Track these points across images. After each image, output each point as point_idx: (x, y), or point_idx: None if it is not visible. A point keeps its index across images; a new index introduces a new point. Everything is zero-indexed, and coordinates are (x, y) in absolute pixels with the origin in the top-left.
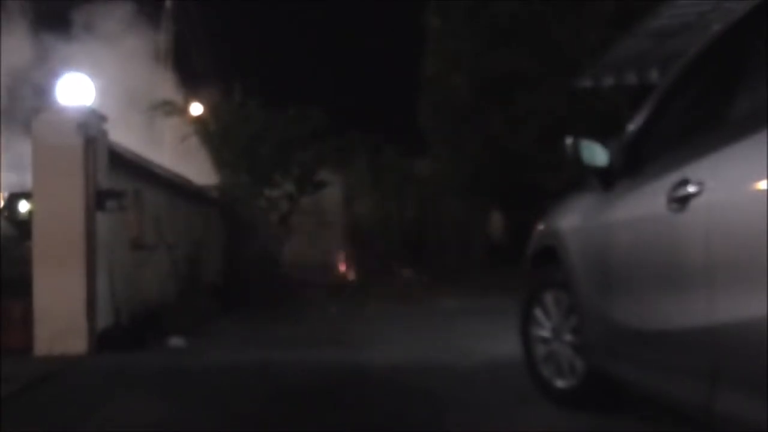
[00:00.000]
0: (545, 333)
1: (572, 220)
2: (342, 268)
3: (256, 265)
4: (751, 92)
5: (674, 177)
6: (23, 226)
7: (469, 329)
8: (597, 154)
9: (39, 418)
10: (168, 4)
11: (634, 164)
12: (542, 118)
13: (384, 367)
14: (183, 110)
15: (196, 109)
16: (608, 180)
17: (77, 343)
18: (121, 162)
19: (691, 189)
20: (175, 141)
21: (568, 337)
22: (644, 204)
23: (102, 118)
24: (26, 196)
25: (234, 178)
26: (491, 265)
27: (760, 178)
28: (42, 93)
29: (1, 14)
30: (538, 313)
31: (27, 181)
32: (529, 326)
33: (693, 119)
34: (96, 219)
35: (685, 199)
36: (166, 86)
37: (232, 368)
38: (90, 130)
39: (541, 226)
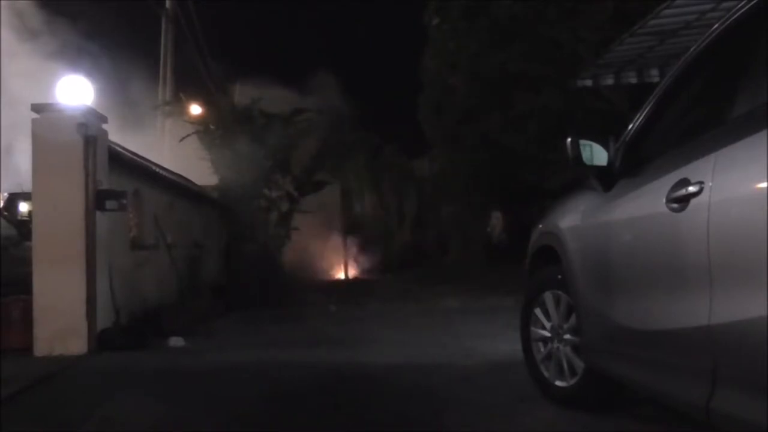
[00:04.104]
0: (545, 333)
1: (572, 220)
2: (342, 267)
3: (255, 265)
4: (751, 92)
5: (674, 177)
6: (23, 226)
7: (469, 329)
8: (597, 154)
9: (39, 418)
10: (168, 4)
11: (634, 164)
12: (542, 118)
13: (384, 367)
14: (183, 110)
15: (196, 109)
16: (608, 180)
17: (77, 343)
18: (121, 162)
19: (691, 189)
20: (174, 141)
21: (568, 337)
22: (644, 204)
23: (102, 118)
24: (26, 196)
25: (234, 179)
26: (491, 264)
27: (760, 178)
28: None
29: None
30: (538, 313)
31: None
32: (529, 326)
33: (693, 119)
34: (96, 219)
35: (685, 199)
36: (167, 87)
37: (232, 368)
38: (90, 130)
39: (540, 226)
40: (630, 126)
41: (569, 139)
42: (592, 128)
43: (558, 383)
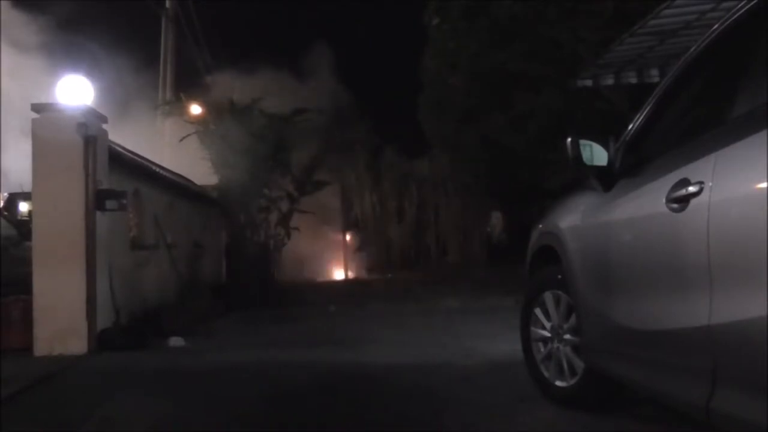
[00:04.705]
0: (545, 333)
1: (572, 219)
2: (342, 267)
3: (255, 265)
4: (751, 92)
5: (674, 177)
6: (23, 226)
7: (469, 329)
8: (597, 154)
9: (39, 418)
10: (168, 4)
11: (634, 164)
12: (542, 118)
13: (384, 367)
14: (183, 110)
15: (196, 109)
16: (608, 180)
17: (77, 343)
18: (121, 162)
19: (691, 189)
20: (174, 141)
21: (568, 337)
22: (644, 204)
23: (102, 118)
24: (26, 196)
25: (234, 179)
26: (491, 264)
27: (760, 178)
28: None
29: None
30: (538, 313)
31: None
32: (529, 326)
33: (693, 119)
34: (96, 219)
35: (685, 199)
36: (167, 87)
37: (232, 368)
38: (90, 130)
39: (540, 226)
40: (630, 126)
41: (569, 139)
42: (592, 128)
43: (558, 383)
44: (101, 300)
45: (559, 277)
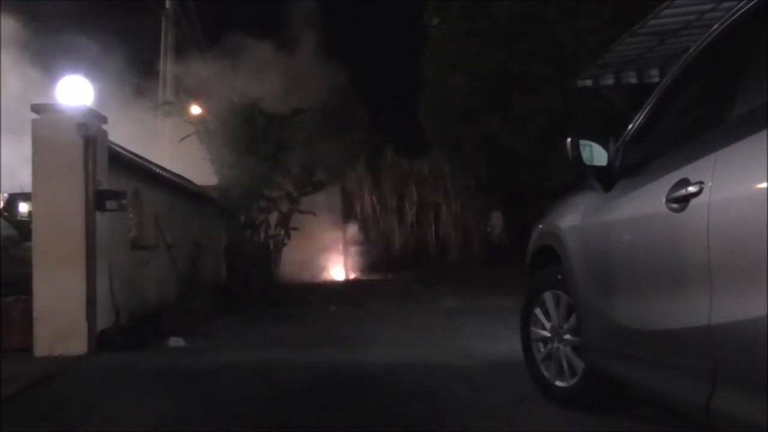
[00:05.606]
0: (545, 333)
1: (572, 219)
2: (342, 267)
3: (255, 265)
4: (751, 92)
5: (674, 177)
6: (23, 226)
7: (469, 329)
8: (597, 154)
9: (39, 418)
10: (168, 4)
11: (634, 164)
12: (542, 118)
13: (384, 367)
14: (183, 110)
15: (196, 109)
16: (608, 180)
17: (77, 343)
18: (121, 162)
19: (691, 189)
20: (175, 141)
21: (568, 337)
22: (644, 204)
23: (102, 118)
24: (26, 196)
25: (234, 179)
26: (491, 264)
27: (760, 178)
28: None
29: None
30: (538, 313)
31: None
32: (529, 326)
33: (693, 119)
34: (96, 219)
35: (685, 199)
36: (167, 87)
37: (232, 368)
38: (89, 130)
39: (540, 226)
40: (630, 126)
41: (569, 139)
42: (592, 128)
43: (558, 383)
44: (101, 300)
45: (559, 277)
